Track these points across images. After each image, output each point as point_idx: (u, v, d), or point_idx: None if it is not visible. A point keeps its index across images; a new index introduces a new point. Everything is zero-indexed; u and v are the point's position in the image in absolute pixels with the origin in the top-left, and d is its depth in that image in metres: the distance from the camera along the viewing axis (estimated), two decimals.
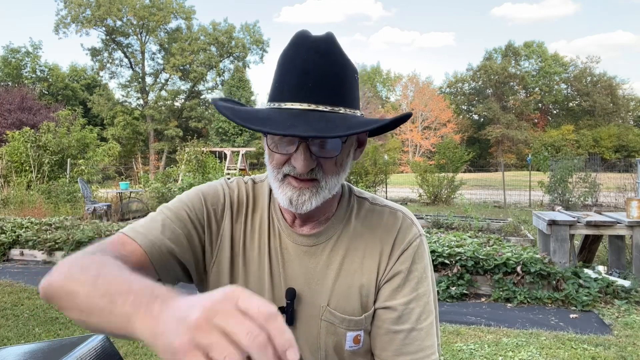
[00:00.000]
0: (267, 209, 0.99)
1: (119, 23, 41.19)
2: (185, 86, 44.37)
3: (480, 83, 54.33)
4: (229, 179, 1.05)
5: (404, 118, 0.84)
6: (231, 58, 44.42)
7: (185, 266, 0.92)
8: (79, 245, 6.60)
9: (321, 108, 0.80)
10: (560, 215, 5.75)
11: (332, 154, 0.84)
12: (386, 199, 1.04)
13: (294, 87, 0.81)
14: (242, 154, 22.06)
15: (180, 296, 0.53)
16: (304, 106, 0.80)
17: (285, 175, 0.85)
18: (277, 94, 0.84)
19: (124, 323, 0.56)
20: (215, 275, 0.95)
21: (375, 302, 0.94)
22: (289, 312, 0.91)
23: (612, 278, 4.89)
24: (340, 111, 0.81)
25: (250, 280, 0.95)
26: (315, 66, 0.81)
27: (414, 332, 0.91)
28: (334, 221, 0.96)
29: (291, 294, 0.91)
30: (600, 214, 5.95)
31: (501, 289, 4.80)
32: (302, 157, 0.81)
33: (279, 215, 0.97)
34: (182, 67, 41.73)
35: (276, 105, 0.82)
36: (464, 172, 18.36)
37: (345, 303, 0.92)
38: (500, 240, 6.74)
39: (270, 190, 0.99)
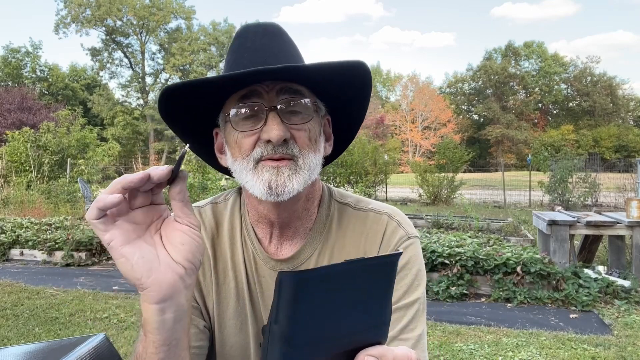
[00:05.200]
0: (239, 231, 0.88)
1: (119, 23, 41.24)
2: None
3: (480, 83, 54.31)
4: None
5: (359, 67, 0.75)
6: None
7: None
8: (79, 245, 6.61)
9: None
10: (560, 215, 5.75)
11: (304, 120, 0.77)
12: (386, 199, 0.98)
13: (248, 64, 0.76)
14: None
15: None
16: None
17: (258, 161, 0.76)
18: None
19: None
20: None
21: None
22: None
23: (612, 278, 4.89)
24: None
25: (228, 318, 0.86)
26: (268, 45, 0.78)
27: (395, 341, 0.77)
28: (313, 235, 0.86)
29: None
30: (600, 214, 5.95)
31: (501, 289, 4.80)
32: (275, 122, 0.73)
33: (253, 237, 0.87)
34: (182, 67, 41.75)
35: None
36: (464, 172, 18.36)
37: None
38: (500, 240, 6.75)
39: (241, 208, 0.90)
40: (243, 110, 0.76)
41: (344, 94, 0.82)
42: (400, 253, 0.39)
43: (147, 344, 0.59)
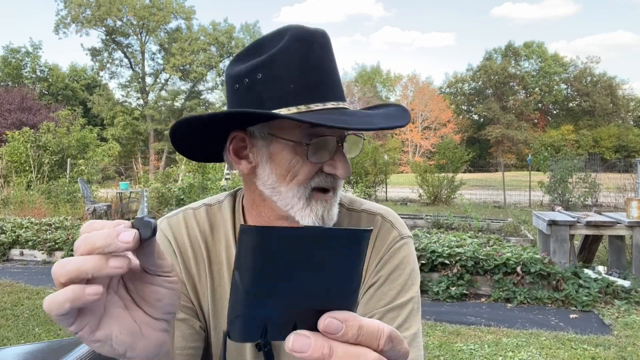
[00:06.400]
0: (233, 234, 0.88)
1: (119, 23, 41.19)
2: (185, 86, 44.43)
3: (480, 83, 54.28)
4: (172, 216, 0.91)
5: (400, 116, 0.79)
6: (231, 58, 44.38)
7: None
8: None
9: (342, 105, 0.77)
10: (560, 215, 5.75)
11: (357, 154, 0.81)
12: (386, 199, 0.99)
13: (316, 85, 0.76)
14: None
15: None
16: (333, 104, 0.76)
17: (312, 190, 0.77)
18: (296, 95, 0.74)
19: None
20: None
21: None
22: (265, 349, 0.81)
23: (612, 278, 4.89)
24: (348, 106, 0.79)
25: (223, 319, 0.85)
26: (326, 62, 0.78)
27: None
28: None
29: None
30: (600, 214, 5.95)
31: (501, 289, 4.80)
32: (343, 159, 0.76)
33: None
34: (182, 67, 41.72)
35: (303, 107, 0.74)
36: (464, 172, 18.37)
37: None
38: (500, 241, 6.75)
39: (234, 212, 0.90)
40: (316, 141, 0.75)
41: None
42: (370, 230, 0.39)
43: None
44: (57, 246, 6.71)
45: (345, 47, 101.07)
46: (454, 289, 4.85)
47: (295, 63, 0.74)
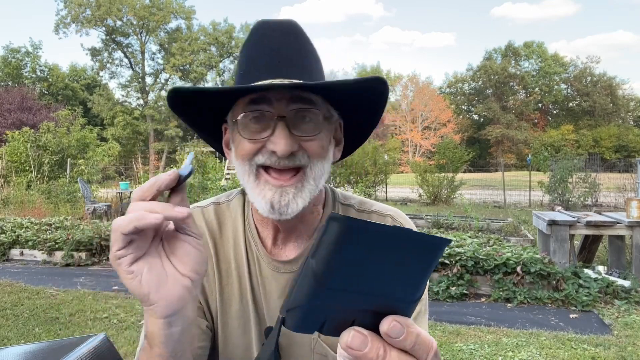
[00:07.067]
0: (243, 232, 0.88)
1: (119, 23, 41.22)
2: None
3: (480, 83, 54.27)
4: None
5: (376, 82, 0.76)
6: (231, 58, 44.43)
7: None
8: (79, 245, 6.61)
9: (295, 82, 0.74)
10: (560, 215, 5.75)
11: (315, 132, 0.75)
12: (386, 199, 0.98)
13: (263, 67, 0.75)
14: None
15: None
16: (280, 81, 0.73)
17: (259, 168, 0.75)
18: (243, 77, 0.77)
19: None
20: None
21: None
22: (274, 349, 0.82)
23: (612, 278, 4.89)
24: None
25: (231, 318, 0.86)
26: (283, 45, 0.76)
27: None
28: None
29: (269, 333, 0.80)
30: (600, 214, 5.95)
31: (501, 289, 4.80)
32: (283, 134, 0.71)
33: (256, 239, 0.87)
34: (182, 67, 41.72)
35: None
36: (464, 172, 18.37)
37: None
38: (500, 240, 6.75)
39: (244, 209, 0.90)
40: (251, 117, 0.74)
41: (358, 102, 0.80)
42: (449, 240, 0.39)
43: (151, 356, 0.58)
44: (57, 246, 6.70)
45: (345, 47, 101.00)
46: (454, 288, 4.85)
47: (247, 49, 0.79)
